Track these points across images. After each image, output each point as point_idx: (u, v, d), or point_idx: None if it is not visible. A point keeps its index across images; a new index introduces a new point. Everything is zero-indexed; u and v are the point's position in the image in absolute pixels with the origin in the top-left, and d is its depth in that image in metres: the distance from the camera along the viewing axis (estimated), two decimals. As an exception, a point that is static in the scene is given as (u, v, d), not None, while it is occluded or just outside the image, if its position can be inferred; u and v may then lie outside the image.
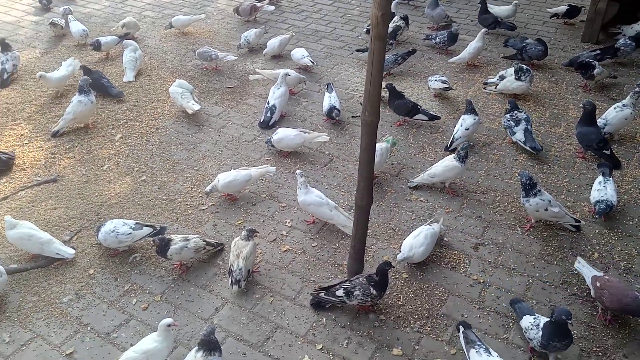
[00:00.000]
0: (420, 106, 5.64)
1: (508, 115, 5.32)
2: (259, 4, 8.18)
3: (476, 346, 3.22)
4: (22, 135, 5.57)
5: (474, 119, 5.21)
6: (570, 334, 3.24)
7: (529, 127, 5.18)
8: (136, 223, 4.11)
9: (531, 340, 3.33)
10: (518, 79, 5.86)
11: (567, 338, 3.22)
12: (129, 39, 7.05)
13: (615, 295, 3.49)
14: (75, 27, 7.33)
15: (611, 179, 4.45)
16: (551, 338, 3.20)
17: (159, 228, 4.13)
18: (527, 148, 5.13)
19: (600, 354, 3.44)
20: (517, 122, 5.21)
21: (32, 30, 8.00)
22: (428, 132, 5.60)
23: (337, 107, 5.60)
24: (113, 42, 7.04)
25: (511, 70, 6.04)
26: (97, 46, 6.90)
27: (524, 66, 5.92)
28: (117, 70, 6.76)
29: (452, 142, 5.21)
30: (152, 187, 4.86)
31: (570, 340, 3.24)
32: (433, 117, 5.60)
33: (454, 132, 5.26)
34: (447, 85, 6.01)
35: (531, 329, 3.33)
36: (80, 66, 6.21)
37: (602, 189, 4.39)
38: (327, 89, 5.83)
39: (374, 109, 3.21)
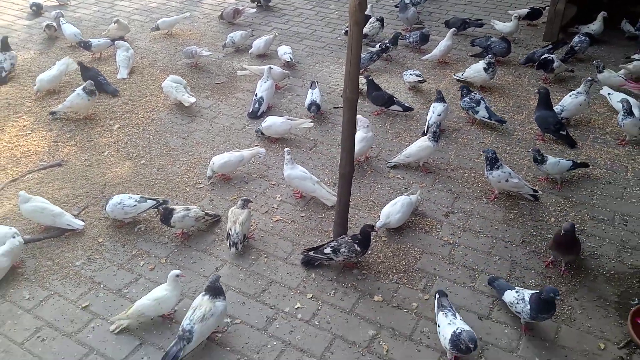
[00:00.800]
0: (396, 98, 6.17)
1: (467, 98, 5.92)
2: (241, 7, 8.71)
3: (445, 310, 3.50)
4: (24, 126, 5.94)
5: (444, 106, 5.75)
6: (555, 306, 3.54)
7: (487, 104, 5.80)
8: (141, 197, 4.52)
9: (519, 313, 3.61)
10: (485, 70, 6.42)
11: (553, 309, 3.54)
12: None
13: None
14: (69, 29, 7.71)
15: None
16: (540, 311, 3.50)
17: (161, 201, 4.54)
18: (493, 122, 5.76)
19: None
20: (477, 103, 5.82)
21: (25, 33, 8.36)
22: (403, 120, 6.12)
23: (317, 102, 6.00)
24: (105, 44, 7.43)
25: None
26: (87, 46, 7.29)
27: (493, 61, 6.49)
28: (111, 68, 7.17)
29: (427, 128, 5.73)
30: (151, 170, 5.27)
31: (555, 310, 3.55)
32: (407, 109, 6.13)
33: (428, 119, 5.78)
34: (422, 78, 6.56)
35: (517, 302, 3.60)
36: (78, 62, 6.60)
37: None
38: (311, 86, 6.29)
39: (354, 87, 3.70)
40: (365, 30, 7.77)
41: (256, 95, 6.19)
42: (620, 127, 5.59)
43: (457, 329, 3.33)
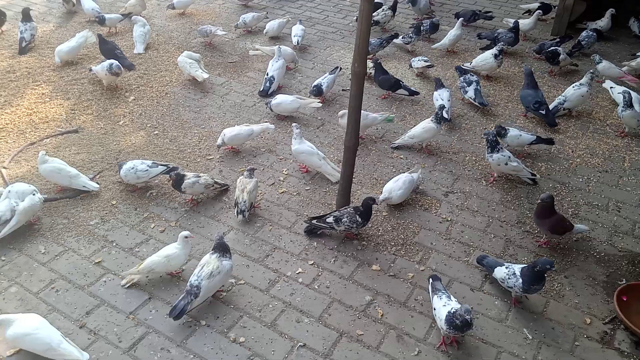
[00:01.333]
0: (402, 82, 6.32)
1: (462, 78, 6.26)
2: None
3: (439, 293, 3.59)
4: (43, 94, 6.14)
5: (449, 91, 5.92)
6: (545, 277, 3.69)
7: (479, 87, 6.15)
8: (153, 162, 4.71)
9: (511, 288, 3.74)
10: (495, 57, 6.53)
11: (543, 280, 3.69)
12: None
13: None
14: (87, 3, 7.89)
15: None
16: (532, 283, 3.64)
17: (171, 167, 4.74)
18: (476, 103, 6.10)
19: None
20: (469, 83, 6.17)
21: (45, 7, 8.56)
22: (409, 105, 6.29)
23: (321, 86, 6.05)
24: (116, 19, 7.60)
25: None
26: (101, 20, 7.47)
27: (504, 49, 6.62)
28: (127, 43, 7.36)
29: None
30: (164, 140, 5.47)
31: (545, 281, 3.70)
32: (413, 93, 6.28)
33: (438, 105, 5.78)
34: (429, 63, 6.70)
35: (509, 278, 3.73)
36: (97, 35, 6.79)
37: None
38: (332, 71, 6.34)
39: (362, 61, 3.87)
40: (376, 17, 7.93)
41: (267, 74, 6.36)
42: (620, 119, 5.74)
43: (451, 309, 3.41)
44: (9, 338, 3.32)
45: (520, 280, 3.68)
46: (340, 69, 6.46)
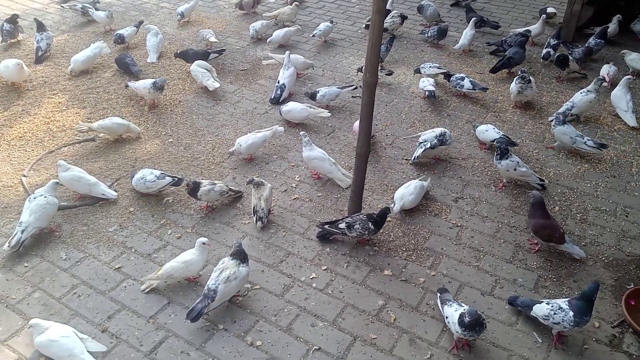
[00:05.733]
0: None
1: (453, 78, 6.57)
2: None
3: (448, 302, 3.65)
4: (59, 103, 6.29)
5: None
6: (594, 301, 3.56)
7: (472, 79, 6.49)
8: (161, 173, 4.81)
9: (558, 323, 3.55)
10: (520, 92, 6.24)
11: (593, 306, 3.55)
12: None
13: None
14: (99, 15, 8.04)
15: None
16: (584, 313, 3.49)
17: (177, 179, 4.83)
18: (477, 91, 6.41)
19: (554, 280, 4.20)
20: (462, 79, 6.48)
21: (59, 16, 8.72)
22: (418, 111, 6.38)
23: (318, 94, 6.15)
24: (133, 32, 7.69)
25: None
26: (120, 40, 7.49)
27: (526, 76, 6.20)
28: (141, 52, 7.50)
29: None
30: (179, 148, 5.60)
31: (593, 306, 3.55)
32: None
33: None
34: (444, 71, 6.76)
35: (554, 313, 3.55)
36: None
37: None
38: (342, 87, 6.37)
39: (373, 71, 3.97)
40: (385, 24, 8.02)
41: (278, 82, 6.48)
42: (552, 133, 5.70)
43: (463, 309, 3.48)
44: (36, 344, 3.44)
45: (571, 314, 3.51)
46: (356, 88, 6.47)
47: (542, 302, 3.71)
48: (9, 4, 9.11)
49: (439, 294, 3.90)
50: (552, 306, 3.62)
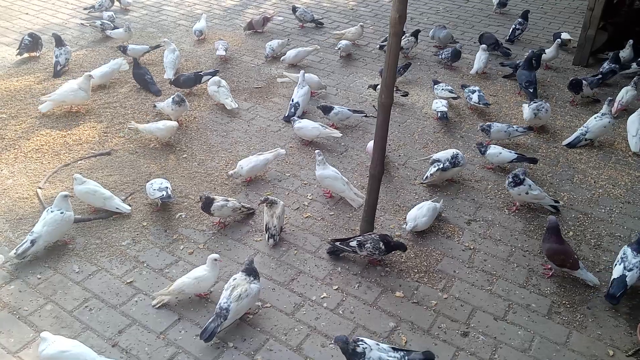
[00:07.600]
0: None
1: (466, 90, 6.84)
2: (269, 15, 9.14)
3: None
4: (77, 116, 6.37)
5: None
6: None
7: (482, 94, 6.73)
8: (165, 187, 4.87)
9: None
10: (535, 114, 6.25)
11: None
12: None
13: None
14: (117, 33, 8.18)
15: None
16: None
17: (165, 195, 4.81)
18: (481, 105, 6.66)
19: (568, 306, 4.15)
20: (472, 92, 6.76)
21: (78, 31, 8.88)
22: (431, 132, 6.39)
23: (337, 112, 6.26)
24: (141, 50, 7.76)
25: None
26: (123, 50, 7.65)
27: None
28: (157, 68, 7.60)
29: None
30: (192, 163, 5.64)
31: None
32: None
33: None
34: (456, 95, 6.79)
35: None
36: (133, 58, 7.04)
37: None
38: (354, 111, 6.45)
39: (389, 92, 4.00)
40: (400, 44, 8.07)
41: (292, 100, 6.53)
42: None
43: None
44: (42, 356, 3.43)
45: None
46: (366, 116, 6.48)
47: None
48: (30, 19, 9.30)
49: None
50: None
